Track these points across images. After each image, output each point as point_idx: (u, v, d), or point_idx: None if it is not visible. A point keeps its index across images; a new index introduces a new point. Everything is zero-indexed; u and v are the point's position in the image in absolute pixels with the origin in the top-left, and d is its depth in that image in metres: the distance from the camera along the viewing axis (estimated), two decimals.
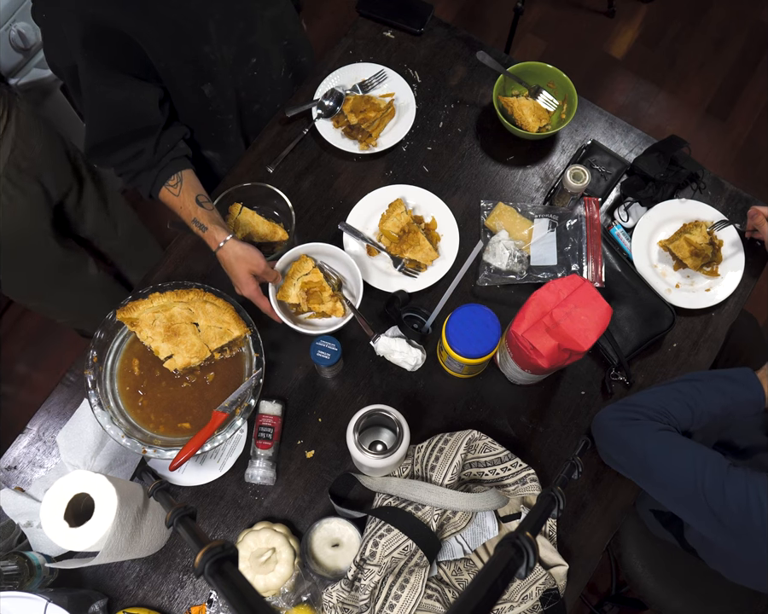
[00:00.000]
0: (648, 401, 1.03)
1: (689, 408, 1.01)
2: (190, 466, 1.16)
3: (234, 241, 1.14)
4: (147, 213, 1.99)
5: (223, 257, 1.15)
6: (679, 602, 1.39)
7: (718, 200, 1.37)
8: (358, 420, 1.02)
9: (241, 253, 1.13)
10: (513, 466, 1.09)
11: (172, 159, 1.19)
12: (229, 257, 1.14)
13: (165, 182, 1.18)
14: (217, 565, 0.61)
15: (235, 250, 1.14)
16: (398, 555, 1.00)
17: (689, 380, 1.05)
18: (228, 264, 1.15)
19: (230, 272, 1.17)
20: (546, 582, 1.04)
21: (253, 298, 1.17)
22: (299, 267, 1.21)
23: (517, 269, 1.27)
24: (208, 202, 1.18)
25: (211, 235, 1.15)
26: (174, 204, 1.19)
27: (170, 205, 1.20)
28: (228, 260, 1.15)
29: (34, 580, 1.04)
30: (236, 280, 1.17)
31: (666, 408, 1.01)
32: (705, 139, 2.55)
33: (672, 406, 1.01)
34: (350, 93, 1.42)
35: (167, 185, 1.18)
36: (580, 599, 1.84)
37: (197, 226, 1.16)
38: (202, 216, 1.16)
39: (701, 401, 1.01)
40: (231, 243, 1.14)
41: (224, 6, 1.14)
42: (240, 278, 1.15)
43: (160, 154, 1.18)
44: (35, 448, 1.20)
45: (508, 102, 1.40)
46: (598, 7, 2.75)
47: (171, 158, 1.19)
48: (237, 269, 1.14)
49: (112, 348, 1.17)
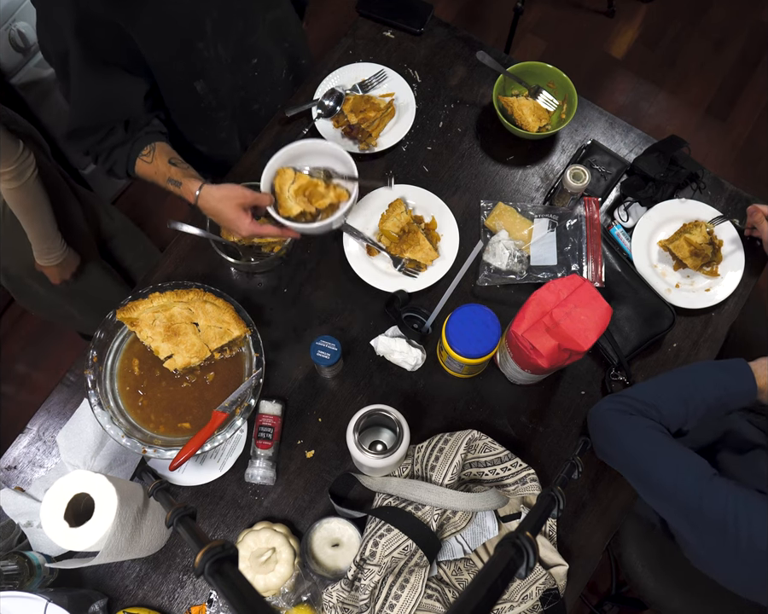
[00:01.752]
0: (643, 395, 1.04)
1: (684, 401, 1.02)
2: (190, 465, 1.16)
3: (210, 185, 1.09)
4: (143, 217, 1.98)
5: (205, 206, 1.10)
6: (679, 602, 1.39)
7: (718, 200, 1.37)
8: (358, 420, 1.02)
9: (222, 192, 1.08)
10: (513, 465, 1.09)
11: (146, 134, 1.18)
12: (211, 202, 1.09)
13: (139, 154, 1.16)
14: (217, 565, 0.61)
15: (213, 193, 1.08)
16: (398, 555, 1.01)
17: (684, 372, 1.06)
18: (213, 210, 1.10)
19: (219, 218, 1.11)
20: (546, 582, 1.04)
21: (255, 232, 1.10)
22: (282, 181, 1.15)
23: (517, 269, 1.27)
24: (182, 163, 1.16)
25: (186, 188, 1.12)
26: (148, 172, 1.17)
27: (145, 176, 1.19)
28: (212, 206, 1.09)
29: (34, 580, 1.04)
30: (229, 223, 1.10)
31: (660, 402, 1.02)
32: (705, 139, 2.55)
33: (666, 400, 1.02)
34: (350, 93, 1.42)
35: (141, 156, 1.17)
36: (580, 599, 1.84)
37: (173, 184, 1.13)
38: (176, 173, 1.13)
39: (696, 392, 1.02)
40: (207, 188, 1.09)
41: (221, 4, 1.13)
42: (231, 218, 1.08)
43: (134, 130, 1.17)
44: (35, 448, 1.20)
45: (508, 102, 1.40)
46: (598, 7, 2.75)
47: (146, 132, 1.18)
48: (225, 210, 1.08)
49: (112, 348, 1.17)
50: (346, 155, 1.16)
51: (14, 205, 1.31)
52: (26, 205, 1.32)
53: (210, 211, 1.11)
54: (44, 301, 1.66)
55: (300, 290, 1.29)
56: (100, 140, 1.17)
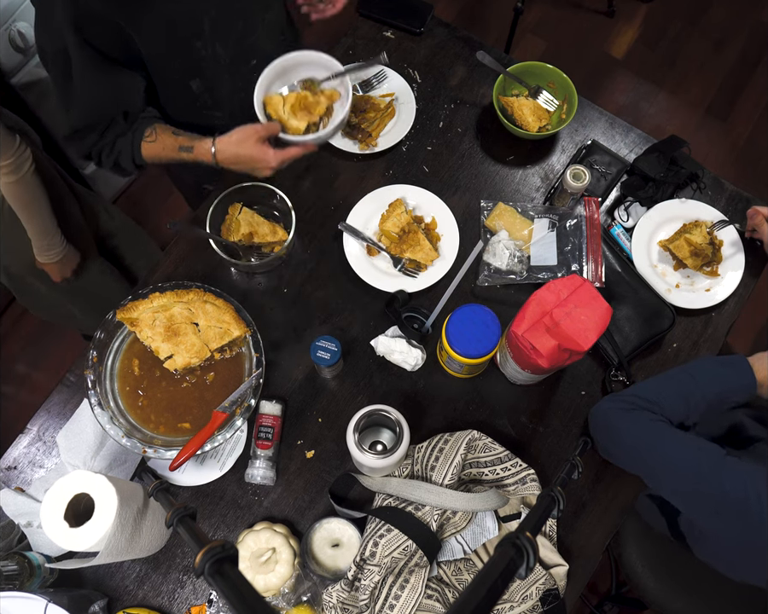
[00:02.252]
0: (643, 392, 1.04)
1: (684, 397, 1.02)
2: (190, 466, 1.16)
3: (221, 136, 1.10)
4: (143, 217, 1.98)
5: (225, 157, 1.11)
6: (679, 602, 1.39)
7: (718, 200, 1.37)
8: (358, 420, 1.02)
9: (237, 136, 1.09)
10: (513, 466, 1.09)
11: (143, 119, 1.19)
12: (230, 149, 1.09)
13: (142, 138, 1.17)
14: (217, 565, 0.61)
15: (229, 140, 1.09)
16: (398, 555, 1.00)
17: (683, 369, 1.07)
18: (235, 157, 1.10)
19: (243, 161, 1.11)
20: (546, 582, 1.04)
21: (282, 158, 1.10)
22: (274, 108, 1.16)
23: (517, 269, 1.27)
24: (185, 132, 1.16)
25: (199, 149, 1.13)
26: (155, 150, 1.17)
27: (153, 157, 1.19)
28: (232, 153, 1.10)
29: (34, 580, 1.04)
30: (255, 162, 1.10)
31: (661, 398, 1.02)
32: (705, 139, 2.55)
33: (667, 397, 1.03)
34: None
35: (144, 139, 1.17)
36: (580, 599, 1.83)
37: (185, 151, 1.13)
38: (184, 140, 1.14)
39: (696, 389, 1.03)
40: (220, 139, 1.10)
41: (220, 4, 1.14)
42: (256, 155, 1.09)
43: (132, 118, 1.18)
44: (35, 449, 1.20)
45: (508, 102, 1.40)
46: (598, 7, 2.75)
47: (142, 118, 1.19)
48: (247, 150, 1.09)
49: (112, 348, 1.17)
50: (321, 56, 1.17)
51: (14, 201, 1.32)
52: (24, 200, 1.32)
53: (231, 159, 1.11)
54: (45, 300, 1.66)
55: (300, 290, 1.29)
56: (101, 134, 1.17)
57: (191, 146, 1.14)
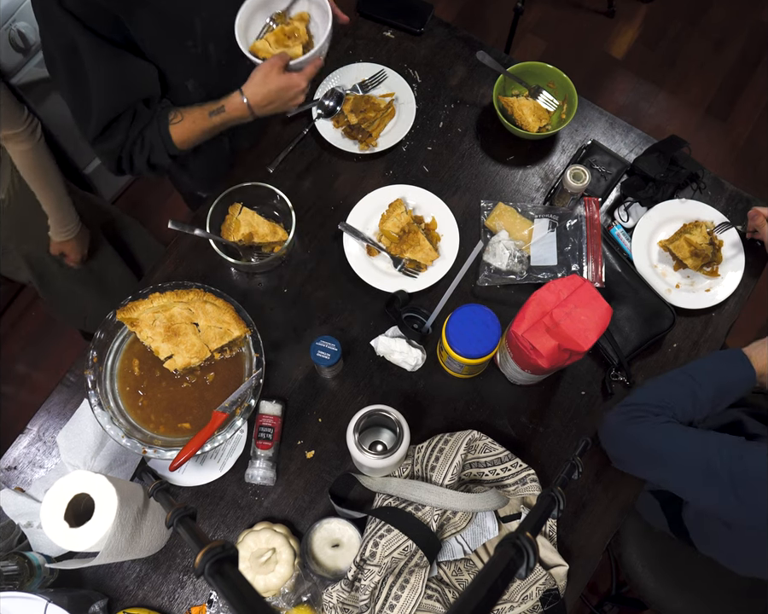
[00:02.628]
0: (649, 398, 1.04)
1: (688, 397, 1.03)
2: (190, 466, 1.16)
3: (245, 86, 1.13)
4: (144, 216, 1.99)
5: (259, 99, 1.13)
6: (680, 602, 1.39)
7: (719, 200, 1.37)
8: (358, 421, 1.02)
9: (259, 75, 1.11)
10: (513, 466, 1.09)
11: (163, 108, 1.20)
12: (261, 90, 1.11)
13: (168, 123, 1.17)
14: (217, 566, 0.61)
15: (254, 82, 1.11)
16: (399, 555, 1.00)
17: (682, 370, 1.07)
18: (268, 95, 1.12)
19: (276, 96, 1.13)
20: (546, 583, 1.04)
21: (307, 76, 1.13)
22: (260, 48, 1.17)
23: (517, 269, 1.27)
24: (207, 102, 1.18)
25: (231, 104, 1.14)
26: (186, 128, 1.18)
27: (188, 135, 1.19)
28: (265, 92, 1.12)
29: (34, 580, 1.04)
30: (287, 91, 1.12)
31: (667, 401, 1.03)
32: (705, 139, 2.55)
33: (673, 398, 1.03)
34: (350, 93, 1.42)
35: (171, 122, 1.17)
36: (580, 599, 1.83)
37: (217, 115, 1.15)
38: (211, 105, 1.15)
39: (698, 388, 1.03)
40: (245, 86, 1.12)
41: (211, 4, 1.14)
42: (284, 84, 1.11)
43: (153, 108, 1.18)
44: (35, 449, 1.20)
45: (508, 102, 1.40)
46: (598, 7, 2.75)
47: (162, 107, 1.20)
48: (275, 83, 1.10)
49: (112, 348, 1.17)
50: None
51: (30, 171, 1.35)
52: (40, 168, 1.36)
53: (264, 99, 1.13)
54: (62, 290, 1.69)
55: (300, 290, 1.29)
56: (128, 128, 1.16)
57: (221, 106, 1.15)
